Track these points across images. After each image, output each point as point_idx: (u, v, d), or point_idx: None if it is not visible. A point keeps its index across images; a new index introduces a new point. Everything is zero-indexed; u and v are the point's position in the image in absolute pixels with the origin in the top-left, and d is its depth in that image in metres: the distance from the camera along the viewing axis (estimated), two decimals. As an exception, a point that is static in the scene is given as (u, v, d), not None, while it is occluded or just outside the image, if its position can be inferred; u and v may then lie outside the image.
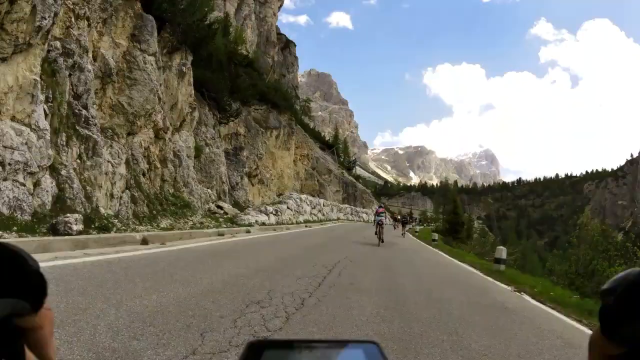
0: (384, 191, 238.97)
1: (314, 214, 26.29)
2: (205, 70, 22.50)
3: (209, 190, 17.80)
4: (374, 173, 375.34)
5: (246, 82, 27.52)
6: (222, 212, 17.19)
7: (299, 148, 38.10)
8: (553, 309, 7.19)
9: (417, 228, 37.75)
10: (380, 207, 19.06)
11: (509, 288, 9.08)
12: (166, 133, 14.90)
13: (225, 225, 14.27)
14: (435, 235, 25.53)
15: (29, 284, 0.43)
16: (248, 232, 13.98)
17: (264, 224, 16.19)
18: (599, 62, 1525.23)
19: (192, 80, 18.70)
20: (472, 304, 6.44)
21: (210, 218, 15.44)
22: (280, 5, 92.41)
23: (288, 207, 21.38)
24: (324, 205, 29.08)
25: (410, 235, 30.07)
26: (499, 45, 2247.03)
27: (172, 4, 15.90)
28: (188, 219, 13.91)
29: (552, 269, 17.85)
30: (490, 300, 7.20)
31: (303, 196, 24.15)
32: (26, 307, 0.43)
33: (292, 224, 20.35)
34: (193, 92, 19.66)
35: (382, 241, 15.49)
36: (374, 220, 17.65)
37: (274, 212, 18.83)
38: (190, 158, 17.10)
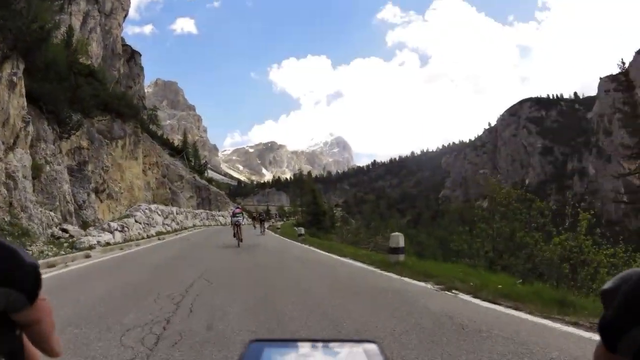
0: (238, 191, 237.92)
1: (167, 225, 25.39)
2: (43, 82, 21.03)
3: (52, 212, 16.91)
4: (226, 175, 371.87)
5: (87, 92, 26.12)
6: (67, 235, 16.18)
7: (148, 157, 36.99)
8: (531, 314, 5.22)
9: (279, 224, 38.68)
10: (236, 208, 19.75)
11: (431, 287, 7.25)
12: None
13: (64, 252, 12.67)
14: (302, 230, 24.54)
15: (22, 275, 0.43)
16: (88, 256, 12.22)
17: (108, 243, 14.85)
18: (449, 39, 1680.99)
19: (24, 91, 17.46)
20: (404, 329, 4.41)
21: (52, 245, 14.35)
22: (125, 16, 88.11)
23: (136, 221, 20.06)
24: (177, 214, 28.61)
25: (272, 233, 31.05)
26: (344, 34, 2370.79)
27: (5, 6, 14.78)
28: (27, 249, 13.22)
29: (461, 249, 14.05)
30: (422, 313, 5.25)
31: (153, 206, 23.14)
32: (21, 298, 0.43)
33: (143, 238, 19.23)
34: (26, 104, 18.39)
35: (241, 241, 16.23)
36: (231, 222, 18.49)
37: (119, 229, 17.13)
38: (27, 179, 16.03)
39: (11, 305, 0.42)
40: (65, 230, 16.38)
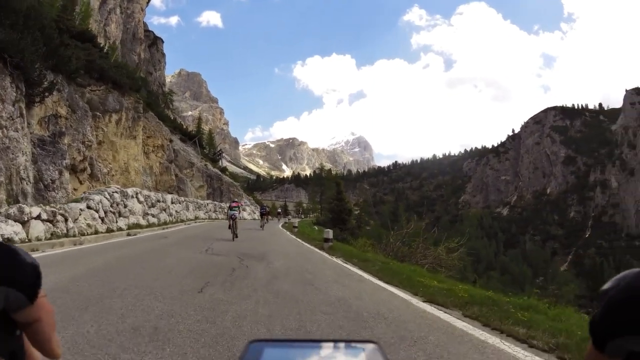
0: (257, 185, 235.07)
1: (151, 215, 20.51)
2: (11, 30, 16.87)
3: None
4: (245, 168, 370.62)
5: (75, 54, 21.88)
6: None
7: (152, 138, 32.74)
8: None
9: (296, 221, 32.19)
10: (233, 202, 19.13)
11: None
12: None
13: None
14: (330, 233, 15.81)
15: (22, 275, 0.42)
16: None
17: (9, 240, 9.02)
18: (474, 44, 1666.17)
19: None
20: None
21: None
22: (148, 1, 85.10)
23: (89, 207, 13.90)
24: (173, 202, 23.90)
25: (288, 233, 23.73)
26: (369, 34, 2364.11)
27: None
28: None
29: None
30: None
31: (130, 190, 18.41)
32: (21, 298, 0.42)
33: (95, 233, 13.24)
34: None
35: (237, 236, 15.65)
36: (227, 215, 18.09)
37: (46, 217, 10.76)
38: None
39: (11, 304, 0.42)
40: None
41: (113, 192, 16.19)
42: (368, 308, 5.66)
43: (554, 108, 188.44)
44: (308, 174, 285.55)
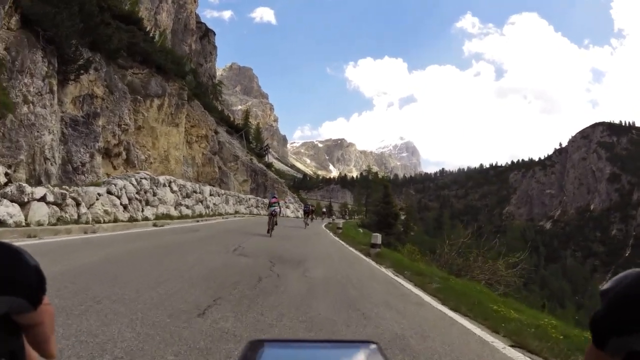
0: (303, 184, 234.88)
1: (186, 206, 19.12)
2: (45, 3, 15.94)
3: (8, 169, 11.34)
4: (292, 166, 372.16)
5: (116, 35, 20.92)
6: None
7: (196, 127, 31.68)
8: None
9: (340, 222, 29.42)
10: (273, 197, 18.17)
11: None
12: None
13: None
14: (378, 237, 13.15)
15: (26, 281, 0.42)
16: None
17: (1, 222, 7.69)
18: (525, 55, 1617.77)
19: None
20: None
21: None
22: None
23: (109, 193, 12.26)
24: (211, 195, 22.50)
25: (332, 235, 21.21)
26: (422, 39, 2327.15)
27: None
28: None
29: None
30: None
31: (163, 178, 16.89)
32: (24, 305, 0.42)
33: (115, 221, 11.87)
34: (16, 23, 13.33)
35: (272, 232, 15.20)
36: (267, 212, 17.21)
37: (53, 199, 9.24)
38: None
39: (14, 310, 0.42)
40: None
41: (142, 178, 14.78)
42: (440, 356, 3.64)
43: (602, 124, 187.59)
44: (355, 176, 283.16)
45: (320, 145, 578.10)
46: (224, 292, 5.02)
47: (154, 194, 15.53)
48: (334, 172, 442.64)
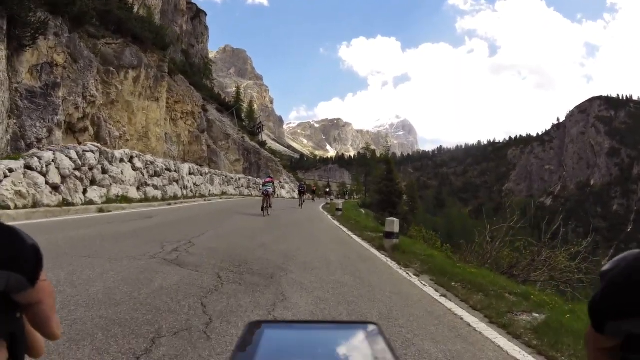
0: (300, 165, 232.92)
1: (153, 186, 16.30)
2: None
3: None
4: (289, 147, 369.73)
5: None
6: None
7: (180, 103, 29.54)
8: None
9: (340, 203, 26.39)
10: (267, 177, 18.14)
11: None
12: None
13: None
14: (394, 224, 9.96)
15: (23, 257, 0.41)
16: None
17: None
18: (519, 31, 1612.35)
19: None
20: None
21: None
22: None
23: (28, 168, 9.70)
24: (190, 173, 20.32)
25: (330, 218, 18.74)
26: (415, 17, 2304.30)
27: None
28: None
29: None
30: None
31: (120, 152, 14.19)
32: (22, 281, 0.41)
33: (23, 207, 8.87)
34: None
35: (269, 209, 15.44)
36: (261, 191, 17.22)
37: None
38: None
39: (12, 287, 0.41)
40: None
41: (85, 150, 12.26)
42: None
43: (599, 98, 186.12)
44: (352, 155, 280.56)
45: (316, 125, 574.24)
46: None
47: (104, 171, 13.05)
48: (332, 152, 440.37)
